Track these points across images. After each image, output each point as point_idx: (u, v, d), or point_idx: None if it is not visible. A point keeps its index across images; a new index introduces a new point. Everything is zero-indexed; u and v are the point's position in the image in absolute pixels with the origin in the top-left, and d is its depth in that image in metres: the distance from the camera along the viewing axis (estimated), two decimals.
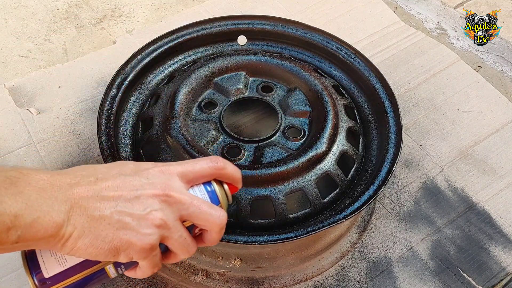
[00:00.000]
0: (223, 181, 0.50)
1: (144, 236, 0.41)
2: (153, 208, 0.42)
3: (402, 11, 1.30)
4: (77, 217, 0.39)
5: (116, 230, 0.40)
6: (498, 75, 1.15)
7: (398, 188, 0.91)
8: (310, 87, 0.83)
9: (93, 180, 0.41)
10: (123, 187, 0.41)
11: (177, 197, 0.43)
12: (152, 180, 0.43)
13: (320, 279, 0.79)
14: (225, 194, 0.49)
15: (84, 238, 0.39)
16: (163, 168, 0.45)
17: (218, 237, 0.47)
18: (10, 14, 1.24)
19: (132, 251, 0.42)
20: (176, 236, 0.44)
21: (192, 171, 0.46)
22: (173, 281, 0.77)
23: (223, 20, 0.93)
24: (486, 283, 0.79)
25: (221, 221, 0.46)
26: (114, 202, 0.40)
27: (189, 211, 0.44)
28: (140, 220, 0.41)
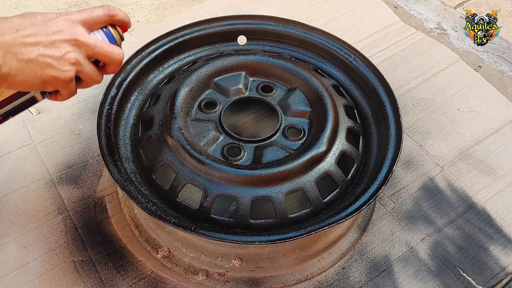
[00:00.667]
0: (116, 25, 0.61)
1: (65, 72, 0.54)
2: (67, 50, 0.54)
3: (402, 11, 1.30)
4: (11, 61, 0.50)
5: (43, 68, 0.52)
6: (498, 75, 1.15)
7: (398, 188, 0.91)
8: (310, 87, 0.83)
9: (14, 30, 0.51)
10: (39, 35, 0.52)
11: (84, 40, 0.55)
12: (60, 27, 0.54)
13: (320, 279, 0.79)
14: (118, 34, 0.61)
15: (18, 76, 0.51)
16: (67, 17, 0.55)
17: (118, 67, 0.61)
18: (10, 14, 1.24)
19: (56, 82, 0.55)
20: (87, 70, 0.57)
21: (90, 18, 0.57)
22: (173, 281, 0.77)
23: (223, 20, 0.93)
24: (486, 283, 0.79)
25: (120, 56, 0.59)
26: (36, 48, 0.52)
27: (95, 51, 0.56)
28: (59, 60, 0.53)
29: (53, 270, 0.78)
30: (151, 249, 0.80)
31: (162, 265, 0.79)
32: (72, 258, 0.79)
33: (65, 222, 0.84)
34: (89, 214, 0.85)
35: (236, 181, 0.70)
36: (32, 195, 0.87)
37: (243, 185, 0.70)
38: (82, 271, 0.78)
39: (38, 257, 0.79)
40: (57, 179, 0.90)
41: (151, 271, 0.78)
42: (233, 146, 0.76)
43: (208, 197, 0.70)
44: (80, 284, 0.76)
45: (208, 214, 0.71)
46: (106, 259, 0.79)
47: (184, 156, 0.72)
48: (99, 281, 0.77)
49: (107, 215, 0.85)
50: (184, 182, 0.71)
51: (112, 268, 0.78)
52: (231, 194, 0.70)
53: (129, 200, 0.84)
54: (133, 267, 0.79)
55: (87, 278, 0.77)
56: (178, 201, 0.72)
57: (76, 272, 0.78)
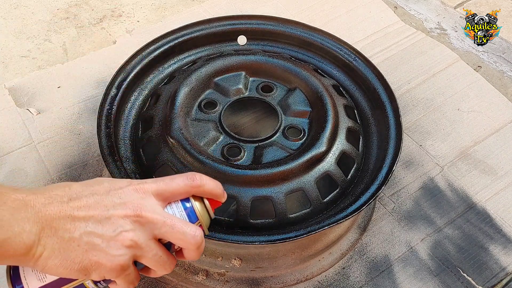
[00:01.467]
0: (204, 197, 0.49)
1: (114, 257, 0.42)
2: (124, 229, 0.42)
3: (402, 11, 1.30)
4: (47, 238, 0.40)
5: (85, 251, 0.41)
6: (498, 75, 1.15)
7: (398, 188, 0.91)
8: (310, 87, 0.83)
9: (66, 200, 0.41)
10: (94, 207, 0.42)
11: (149, 216, 0.43)
12: (125, 199, 0.43)
13: (320, 279, 0.79)
14: (205, 210, 0.49)
15: (54, 258, 0.40)
16: (138, 186, 0.45)
17: (196, 254, 0.47)
18: (10, 14, 1.24)
19: (102, 271, 0.42)
20: (150, 255, 0.44)
21: (167, 189, 0.46)
22: (173, 281, 0.77)
23: (223, 20, 0.93)
24: (486, 283, 0.79)
25: (196, 240, 0.46)
26: (85, 223, 0.41)
27: (162, 231, 0.44)
28: (109, 241, 0.42)
29: None
30: None
31: None
32: None
33: None
34: None
35: (236, 181, 0.70)
36: None
37: (243, 185, 0.70)
38: None
39: None
40: (57, 179, 0.89)
41: None
42: (233, 146, 0.76)
43: None
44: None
45: None
46: None
47: (184, 156, 0.72)
48: None
49: None
50: None
51: None
52: (231, 194, 0.70)
53: None
54: None
55: None
56: None
57: None
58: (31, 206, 0.40)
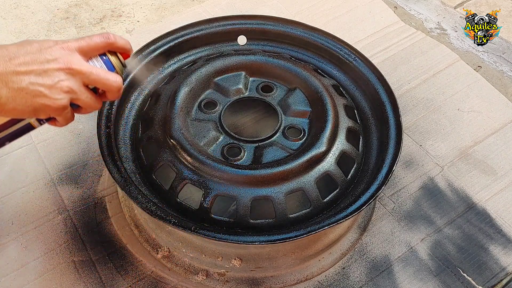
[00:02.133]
0: (117, 52, 0.60)
1: (56, 100, 0.54)
2: (60, 78, 0.54)
3: (402, 11, 1.30)
4: (1, 89, 0.50)
5: (33, 97, 0.53)
6: (498, 75, 1.15)
7: (398, 188, 0.91)
8: (310, 87, 0.83)
9: (7, 59, 0.51)
10: (32, 63, 0.52)
11: (78, 68, 0.55)
12: (55, 56, 0.54)
13: (320, 279, 0.79)
14: (119, 61, 0.60)
15: (8, 104, 0.52)
16: (63, 45, 0.55)
17: (117, 95, 0.60)
18: (10, 14, 1.24)
19: (48, 111, 0.54)
20: (83, 97, 0.56)
21: (87, 45, 0.57)
22: (173, 281, 0.77)
23: (223, 20, 0.93)
24: (486, 283, 0.79)
25: (117, 83, 0.58)
26: (28, 76, 0.52)
27: (90, 78, 0.56)
28: (51, 89, 0.53)
29: (53, 270, 0.78)
30: (151, 249, 0.80)
31: (162, 265, 0.79)
32: (72, 258, 0.79)
33: (65, 222, 0.84)
34: (89, 214, 0.85)
35: (236, 181, 0.70)
36: (32, 195, 0.87)
37: (243, 185, 0.70)
38: (82, 271, 0.78)
39: (38, 257, 0.79)
40: (57, 179, 0.90)
41: (151, 271, 0.78)
42: (233, 146, 0.76)
43: (208, 197, 0.70)
44: (80, 284, 0.76)
45: (208, 214, 0.71)
46: (106, 259, 0.79)
47: (184, 156, 0.72)
48: (99, 281, 0.77)
49: (107, 215, 0.85)
50: (184, 182, 0.71)
51: (112, 268, 0.78)
52: (231, 194, 0.70)
53: (129, 200, 0.84)
54: (133, 267, 0.79)
55: (87, 278, 0.77)
56: (178, 201, 0.72)
57: (76, 272, 0.78)
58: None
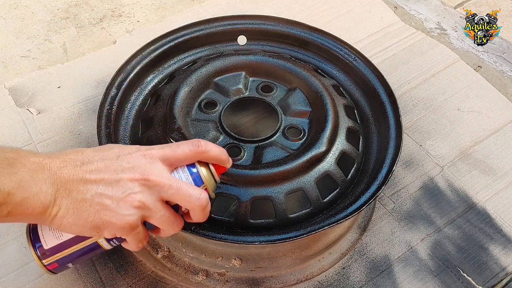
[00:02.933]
0: (209, 162, 0.52)
1: (123, 217, 0.46)
2: (132, 191, 0.46)
3: (402, 11, 1.30)
4: (62, 199, 0.44)
5: (97, 211, 0.45)
6: (498, 75, 1.15)
7: (398, 188, 0.91)
8: (310, 87, 0.83)
9: (79, 164, 0.45)
10: (105, 171, 0.45)
11: (156, 180, 0.47)
12: (133, 164, 0.47)
13: (320, 279, 0.79)
14: (210, 175, 0.52)
15: (68, 217, 0.44)
16: (146, 152, 0.48)
17: (202, 215, 0.51)
18: (10, 14, 1.24)
19: (113, 229, 0.46)
20: (158, 216, 0.48)
21: (173, 155, 0.49)
22: (173, 281, 0.77)
23: (223, 20, 0.93)
24: (486, 283, 0.79)
25: (201, 202, 0.49)
26: (96, 186, 0.45)
27: (168, 193, 0.48)
28: (119, 202, 0.45)
29: None
30: (151, 249, 0.80)
31: (162, 265, 0.79)
32: None
33: None
34: None
35: (236, 181, 0.70)
36: None
37: (243, 185, 0.70)
38: (82, 271, 0.78)
39: None
40: None
41: (151, 271, 0.78)
42: (233, 146, 0.76)
43: None
44: (80, 284, 0.76)
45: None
46: (106, 259, 0.79)
47: None
48: (99, 281, 0.77)
49: None
50: None
51: (112, 268, 0.78)
52: (231, 194, 0.70)
53: None
54: (133, 267, 0.79)
55: (87, 278, 0.77)
56: None
57: (76, 272, 0.78)
58: (48, 169, 0.43)
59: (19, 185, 0.42)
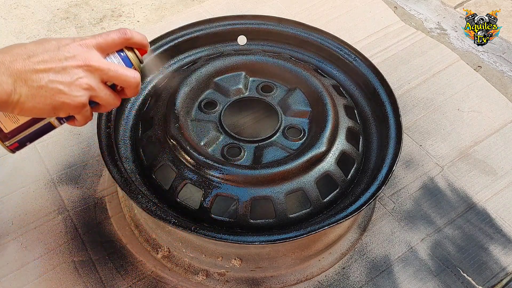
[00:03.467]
0: (133, 47, 0.60)
1: (75, 97, 0.53)
2: (79, 76, 0.53)
3: (402, 11, 1.30)
4: (21, 88, 0.50)
5: (53, 95, 0.52)
6: (498, 75, 1.15)
7: (398, 188, 0.91)
8: (310, 87, 0.83)
9: (26, 57, 0.51)
10: (51, 61, 0.52)
11: (96, 65, 0.54)
12: (73, 53, 0.53)
13: (320, 279, 0.79)
14: (136, 57, 0.59)
15: (28, 102, 0.51)
16: (81, 42, 0.55)
17: (136, 91, 0.59)
18: (10, 14, 1.24)
19: (68, 108, 0.54)
20: (102, 94, 0.56)
21: (105, 42, 0.56)
22: (173, 281, 0.77)
23: (223, 20, 0.93)
24: (486, 283, 0.79)
25: (136, 79, 0.58)
26: (47, 74, 0.51)
27: (108, 75, 0.55)
28: (70, 86, 0.53)
29: (53, 270, 0.78)
30: (151, 249, 0.80)
31: (162, 265, 0.79)
32: (72, 258, 0.79)
33: (65, 222, 0.84)
34: (89, 214, 0.85)
35: (236, 181, 0.70)
36: (32, 195, 0.87)
37: (243, 185, 0.70)
38: (82, 271, 0.78)
39: (38, 257, 0.79)
40: (57, 179, 0.90)
41: (151, 271, 0.78)
42: (233, 146, 0.76)
43: (208, 197, 0.70)
44: (80, 284, 0.76)
45: (208, 214, 0.71)
46: (106, 259, 0.79)
47: (184, 156, 0.72)
48: (99, 281, 0.77)
49: (107, 215, 0.85)
50: (184, 182, 0.71)
51: (112, 268, 0.78)
52: (231, 194, 0.70)
53: (129, 200, 0.84)
54: (133, 267, 0.79)
55: (87, 278, 0.77)
56: (178, 201, 0.72)
57: (76, 272, 0.78)
58: (2, 63, 0.49)
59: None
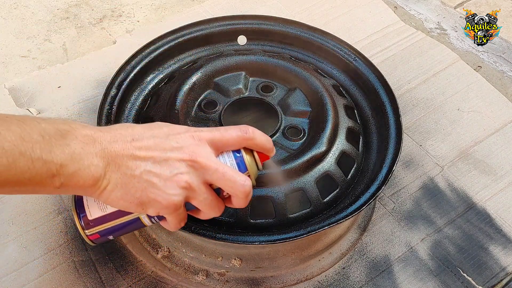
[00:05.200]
0: (254, 150, 0.52)
1: (169, 196, 0.46)
2: (179, 171, 0.46)
3: (402, 11, 1.30)
4: (112, 173, 0.45)
5: (144, 188, 0.46)
6: (498, 75, 1.15)
7: (398, 188, 0.91)
8: (310, 87, 0.83)
9: (129, 140, 0.46)
10: (154, 149, 0.46)
11: (203, 162, 0.47)
12: (182, 144, 0.47)
13: (320, 279, 0.79)
14: (254, 162, 0.51)
15: (116, 191, 0.45)
16: (194, 134, 0.48)
17: (244, 202, 0.50)
18: (10, 14, 1.24)
19: (158, 207, 0.47)
20: (201, 198, 0.48)
21: (221, 139, 0.49)
22: (173, 281, 0.77)
23: (223, 20, 0.93)
24: (486, 283, 0.79)
25: (245, 188, 0.49)
26: (145, 163, 0.45)
27: (214, 177, 0.48)
28: (166, 181, 0.46)
29: (53, 270, 0.78)
30: (151, 249, 0.80)
31: (162, 265, 0.79)
32: (72, 258, 0.79)
33: (65, 222, 0.84)
34: None
35: None
36: (32, 195, 0.87)
37: None
38: (82, 271, 0.78)
39: (38, 257, 0.79)
40: None
41: (151, 271, 0.78)
42: None
43: None
44: (80, 284, 0.76)
45: None
46: (106, 259, 0.79)
47: None
48: (99, 281, 0.77)
49: None
50: None
51: (112, 268, 0.78)
52: None
53: None
54: (133, 267, 0.79)
55: (87, 278, 0.77)
56: None
57: (76, 272, 0.78)
58: (99, 143, 0.44)
59: (71, 157, 0.42)
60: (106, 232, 0.52)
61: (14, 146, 0.40)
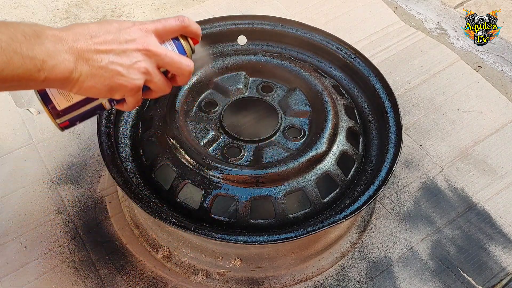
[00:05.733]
0: (187, 36, 0.60)
1: (133, 80, 0.54)
2: (137, 59, 0.54)
3: (402, 11, 1.30)
4: (82, 66, 0.51)
5: (112, 76, 0.53)
6: (498, 75, 1.15)
7: (398, 188, 0.91)
8: (310, 87, 0.83)
9: (88, 37, 0.52)
10: (112, 43, 0.53)
11: (154, 50, 0.55)
12: (134, 36, 0.54)
13: (320, 279, 0.79)
14: (189, 46, 0.60)
15: (88, 81, 0.52)
16: (141, 26, 0.55)
17: (187, 79, 0.60)
18: (10, 14, 1.24)
19: (124, 91, 0.54)
20: (156, 80, 0.56)
21: (163, 28, 0.57)
22: (173, 281, 0.77)
23: (223, 20, 0.93)
24: (486, 283, 0.79)
25: (190, 67, 0.58)
26: (107, 55, 0.52)
27: (165, 61, 0.56)
28: (129, 69, 0.53)
29: (53, 270, 0.78)
30: (151, 249, 0.80)
31: (162, 265, 0.79)
32: (72, 258, 0.79)
33: (65, 222, 0.84)
34: (89, 214, 0.85)
35: (236, 181, 0.70)
36: (32, 195, 0.87)
37: (243, 185, 0.70)
38: (82, 271, 0.78)
39: (38, 257, 0.79)
40: (57, 179, 0.90)
41: (151, 271, 0.78)
42: (233, 146, 0.76)
43: (208, 197, 0.70)
44: (80, 284, 0.76)
45: (208, 214, 0.71)
46: (106, 259, 0.79)
47: (184, 156, 0.72)
48: (99, 281, 0.77)
49: (107, 215, 0.85)
50: (184, 182, 0.71)
51: (112, 268, 0.78)
52: (231, 194, 0.70)
53: (129, 200, 0.84)
54: (133, 267, 0.79)
55: (87, 278, 0.77)
56: (178, 201, 0.72)
57: (76, 272, 0.78)
58: (65, 41, 0.50)
59: (48, 54, 0.48)
60: (75, 118, 0.60)
61: (8, 45, 0.46)
